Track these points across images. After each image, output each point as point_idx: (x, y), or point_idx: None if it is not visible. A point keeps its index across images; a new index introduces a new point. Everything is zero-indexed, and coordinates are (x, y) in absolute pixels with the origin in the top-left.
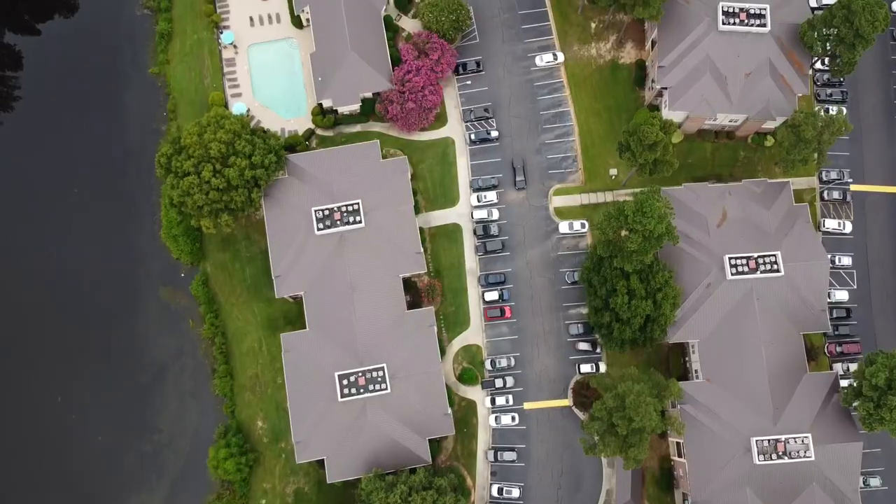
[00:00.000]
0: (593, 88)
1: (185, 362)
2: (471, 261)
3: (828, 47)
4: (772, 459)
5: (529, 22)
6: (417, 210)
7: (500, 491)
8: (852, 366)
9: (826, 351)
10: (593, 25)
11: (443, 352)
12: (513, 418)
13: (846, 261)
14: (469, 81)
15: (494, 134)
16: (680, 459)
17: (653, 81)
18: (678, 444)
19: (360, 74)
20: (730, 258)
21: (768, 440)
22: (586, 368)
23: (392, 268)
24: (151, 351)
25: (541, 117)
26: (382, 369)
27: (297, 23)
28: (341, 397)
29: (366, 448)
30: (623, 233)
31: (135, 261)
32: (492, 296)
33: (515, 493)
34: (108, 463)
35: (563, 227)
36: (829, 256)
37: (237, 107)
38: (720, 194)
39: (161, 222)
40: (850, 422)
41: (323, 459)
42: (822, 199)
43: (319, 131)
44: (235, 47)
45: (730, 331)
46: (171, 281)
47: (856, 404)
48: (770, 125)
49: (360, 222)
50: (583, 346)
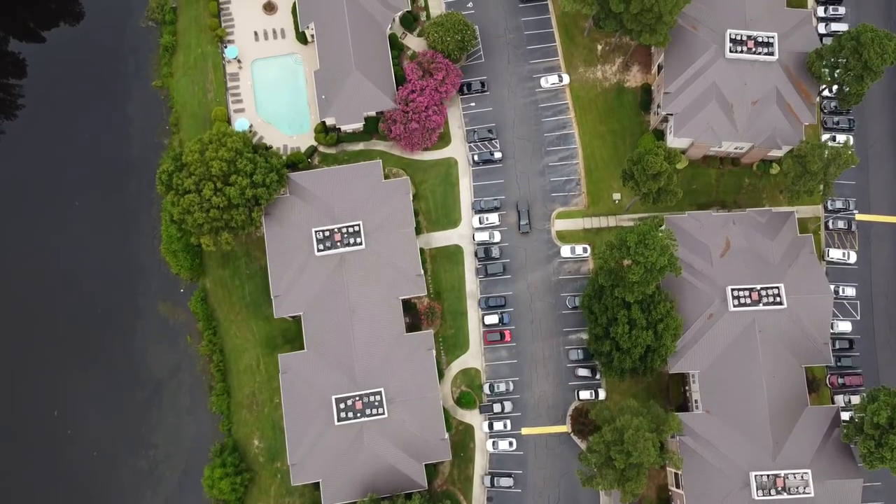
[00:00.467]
0: (598, 111)
1: (183, 378)
2: (471, 283)
3: (836, 75)
4: (770, 495)
5: (535, 43)
6: (419, 230)
7: None
8: (854, 398)
9: (828, 382)
10: (599, 48)
11: (441, 375)
12: (510, 444)
13: (850, 291)
14: (473, 103)
15: (498, 155)
16: (678, 491)
17: (658, 106)
18: (676, 475)
19: (364, 93)
20: (732, 289)
21: (767, 475)
22: (585, 395)
23: (392, 290)
24: (149, 366)
25: (545, 139)
26: (380, 394)
27: (301, 38)
28: (338, 421)
29: (362, 472)
30: (625, 262)
31: (134, 275)
32: (492, 319)
33: None
34: (103, 478)
35: (565, 251)
36: (833, 287)
37: (240, 123)
38: (724, 223)
39: (161, 237)
40: (850, 457)
41: (318, 482)
42: (826, 228)
43: (322, 148)
44: (239, 62)
45: (731, 362)
46: (170, 296)
47: (857, 440)
48: (776, 153)
49: (361, 244)
50: (582, 371)
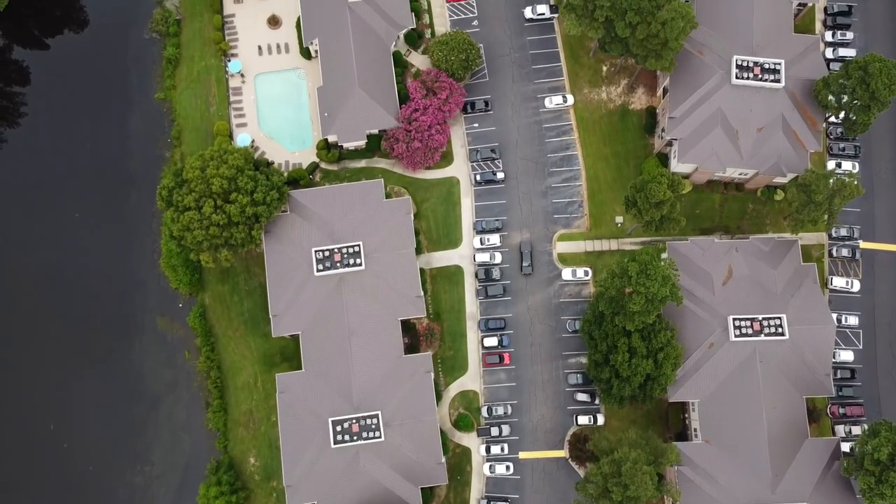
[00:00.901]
0: (602, 133)
1: (180, 394)
2: (471, 304)
3: (843, 102)
4: None
5: (540, 62)
6: (419, 250)
7: None
8: (855, 428)
9: (829, 412)
10: (604, 69)
11: (439, 396)
12: (507, 467)
13: (853, 320)
14: (476, 123)
15: (500, 175)
16: None
17: (663, 130)
18: None
19: (367, 111)
20: (734, 319)
21: None
22: (584, 420)
23: (391, 311)
24: (146, 381)
25: (548, 160)
26: (377, 417)
27: (305, 53)
28: (334, 443)
29: (357, 495)
30: (627, 290)
31: (133, 288)
32: (491, 341)
33: None
34: (98, 493)
35: (567, 273)
36: (836, 316)
37: (241, 138)
38: (727, 250)
39: (161, 251)
40: (849, 491)
41: None
42: (830, 256)
43: (324, 165)
44: (243, 76)
45: (731, 392)
46: (168, 311)
47: (857, 475)
48: (781, 179)
49: (361, 265)
50: (581, 396)
